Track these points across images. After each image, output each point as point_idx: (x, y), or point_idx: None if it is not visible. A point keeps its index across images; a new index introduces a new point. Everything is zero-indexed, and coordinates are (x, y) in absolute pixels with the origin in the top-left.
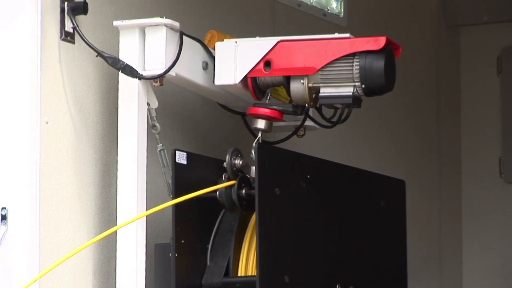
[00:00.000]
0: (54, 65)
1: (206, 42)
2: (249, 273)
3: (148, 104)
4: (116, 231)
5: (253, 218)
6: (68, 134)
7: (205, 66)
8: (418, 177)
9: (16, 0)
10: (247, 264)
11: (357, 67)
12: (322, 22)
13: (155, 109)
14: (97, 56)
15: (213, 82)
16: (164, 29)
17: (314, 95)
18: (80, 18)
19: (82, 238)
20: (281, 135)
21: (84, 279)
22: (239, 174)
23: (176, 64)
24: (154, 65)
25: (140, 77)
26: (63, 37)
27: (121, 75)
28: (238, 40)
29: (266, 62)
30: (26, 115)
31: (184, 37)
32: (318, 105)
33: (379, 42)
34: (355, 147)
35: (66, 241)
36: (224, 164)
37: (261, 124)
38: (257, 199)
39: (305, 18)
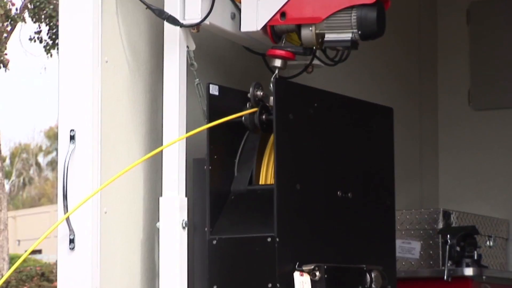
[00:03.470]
0: (112, 16)
1: None
2: (268, 182)
3: (187, 46)
4: (162, 150)
5: (272, 138)
6: (123, 70)
7: (233, 16)
8: (403, 107)
9: None
10: (267, 174)
11: (355, 17)
12: None
13: (193, 50)
14: (146, 8)
15: (239, 29)
16: None
17: (320, 40)
18: None
19: (135, 155)
20: (294, 72)
21: (137, 187)
22: (260, 103)
23: (210, 14)
24: (192, 16)
25: (181, 25)
26: None
27: (166, 24)
28: None
29: (282, 13)
30: (90, 56)
31: None
32: (323, 48)
33: None
34: (353, 82)
35: (123, 158)
36: (248, 95)
37: (277, 63)
38: (275, 122)
39: None
